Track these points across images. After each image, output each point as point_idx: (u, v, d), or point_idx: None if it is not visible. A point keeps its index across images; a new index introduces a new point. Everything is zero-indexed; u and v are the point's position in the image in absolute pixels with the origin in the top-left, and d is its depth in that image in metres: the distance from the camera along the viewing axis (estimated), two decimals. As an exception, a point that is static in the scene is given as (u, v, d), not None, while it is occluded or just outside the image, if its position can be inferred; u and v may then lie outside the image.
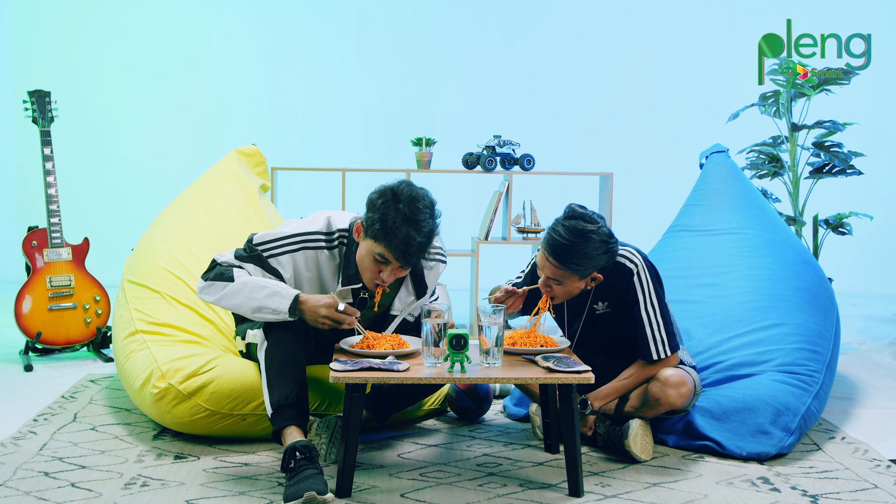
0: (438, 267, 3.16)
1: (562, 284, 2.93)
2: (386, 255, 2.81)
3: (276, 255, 2.93)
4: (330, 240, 2.96)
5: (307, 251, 2.94)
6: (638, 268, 3.00)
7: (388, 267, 2.84)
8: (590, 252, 2.87)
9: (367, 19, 7.09)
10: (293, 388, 2.77)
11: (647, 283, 3.00)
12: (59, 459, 2.94)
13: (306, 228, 2.96)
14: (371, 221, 2.82)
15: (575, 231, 2.87)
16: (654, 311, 3.00)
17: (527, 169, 5.19)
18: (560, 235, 2.87)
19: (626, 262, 3.01)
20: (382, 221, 2.78)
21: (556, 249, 2.88)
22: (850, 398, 3.88)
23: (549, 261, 2.90)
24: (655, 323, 3.00)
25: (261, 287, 2.82)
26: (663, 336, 3.01)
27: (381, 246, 2.80)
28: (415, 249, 2.79)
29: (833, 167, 4.96)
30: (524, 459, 3.03)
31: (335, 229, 2.98)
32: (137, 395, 3.25)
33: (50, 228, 4.42)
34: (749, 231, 3.89)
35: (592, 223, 2.89)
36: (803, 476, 2.90)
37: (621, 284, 3.01)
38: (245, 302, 2.83)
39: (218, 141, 6.50)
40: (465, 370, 2.63)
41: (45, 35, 6.86)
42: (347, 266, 2.94)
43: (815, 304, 3.61)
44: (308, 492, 2.51)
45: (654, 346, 3.00)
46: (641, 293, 3.00)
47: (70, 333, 4.44)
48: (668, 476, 2.89)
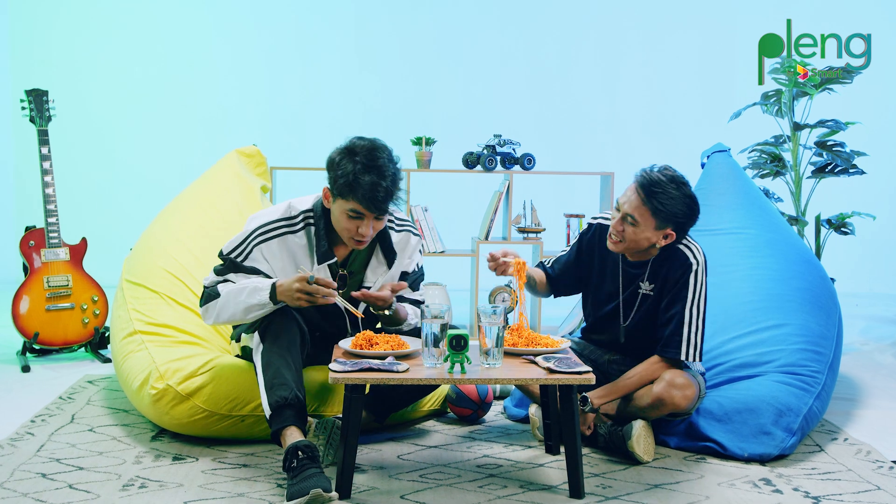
0: (410, 238, 3.18)
1: (636, 226, 2.97)
2: (357, 209, 2.87)
3: (247, 254, 2.97)
4: (293, 223, 3.01)
5: (271, 241, 2.98)
6: (698, 265, 3.02)
7: (363, 220, 2.89)
8: (676, 199, 2.93)
9: (366, 18, 7.09)
10: (291, 388, 2.77)
11: (701, 283, 3.02)
12: (57, 461, 2.93)
13: (266, 219, 3.01)
14: (335, 180, 2.90)
15: (670, 175, 2.97)
16: (697, 314, 3.02)
17: (527, 168, 5.19)
18: (658, 175, 2.96)
19: (690, 254, 3.03)
20: (345, 177, 2.86)
21: (648, 182, 2.95)
22: (852, 399, 3.87)
23: (636, 193, 2.97)
24: (695, 326, 3.02)
25: (240, 290, 2.90)
26: (697, 341, 3.02)
27: (350, 201, 2.87)
28: (382, 195, 2.86)
29: (835, 166, 4.96)
30: (525, 461, 3.03)
31: (298, 212, 3.03)
32: (136, 396, 3.25)
33: (47, 228, 4.41)
34: (751, 231, 3.89)
35: (687, 185, 3.00)
36: (805, 477, 2.90)
37: (676, 273, 3.02)
38: (235, 309, 2.91)
39: (217, 141, 6.50)
40: (465, 371, 2.62)
41: (43, 34, 6.86)
42: (319, 244, 2.99)
43: (817, 305, 3.61)
44: (314, 489, 2.51)
45: (685, 346, 3.01)
46: (693, 291, 3.01)
47: (68, 334, 4.44)
48: (670, 477, 2.89)
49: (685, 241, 3.06)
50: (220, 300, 2.94)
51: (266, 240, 2.97)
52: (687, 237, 3.07)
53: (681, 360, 3.02)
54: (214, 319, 2.98)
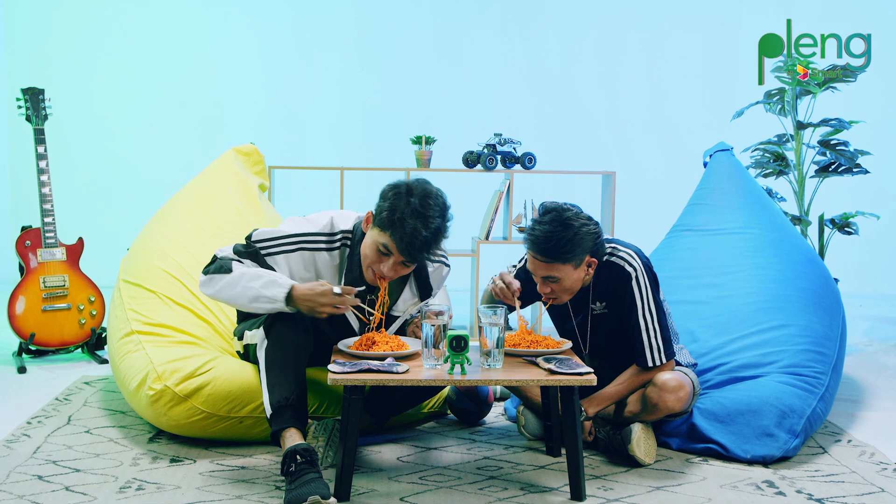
0: (441, 270, 3.15)
1: (559, 281, 2.93)
2: (389, 246, 2.81)
3: (272, 254, 2.93)
4: (331, 241, 2.96)
5: (304, 252, 2.94)
6: (637, 272, 3.00)
7: (389, 259, 2.84)
8: (574, 237, 2.87)
9: (366, 16, 7.09)
10: (293, 389, 2.76)
11: (645, 288, 3.00)
12: (53, 463, 2.93)
13: (307, 229, 2.96)
14: (380, 210, 2.83)
15: (554, 222, 2.88)
16: (651, 318, 3.00)
17: (528, 168, 5.19)
18: (540, 231, 2.88)
19: (625, 265, 3.01)
20: (391, 210, 2.80)
21: (540, 245, 2.88)
22: (856, 400, 3.87)
23: (538, 260, 2.90)
24: (652, 329, 3.01)
25: (257, 276, 2.83)
26: (659, 343, 3.01)
27: (386, 236, 2.81)
28: (419, 244, 2.79)
29: (839, 166, 4.96)
30: (525, 463, 3.03)
31: (338, 230, 2.97)
32: (133, 397, 3.24)
33: (44, 228, 4.41)
34: (754, 231, 3.89)
35: (568, 210, 2.91)
36: (809, 479, 2.90)
37: (619, 287, 3.01)
38: (242, 292, 2.84)
39: (215, 139, 6.49)
40: (465, 372, 2.62)
41: (40, 32, 6.85)
42: (351, 269, 2.95)
43: (820, 305, 3.61)
44: (311, 496, 2.50)
45: (649, 352, 3.01)
46: (640, 298, 3.00)
47: (64, 334, 4.43)
48: (672, 479, 2.89)
49: (616, 251, 3.02)
50: (229, 276, 2.86)
51: (299, 249, 2.92)
52: (616, 246, 3.03)
53: (649, 367, 3.01)
54: (213, 291, 2.90)
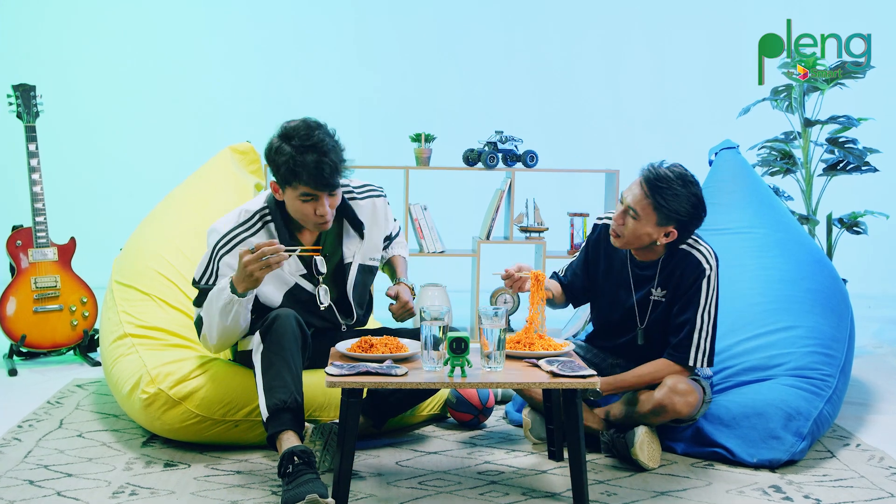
0: (376, 203, 3.23)
1: (638, 220, 2.97)
2: (308, 191, 2.90)
3: (215, 272, 3.01)
4: (250, 226, 3.05)
5: (233, 250, 3.00)
6: (711, 270, 3.02)
7: (318, 201, 2.93)
8: (681, 197, 2.93)
9: (364, 12, 7.09)
10: (290, 392, 2.77)
11: (713, 289, 3.02)
12: (45, 467, 2.93)
13: (223, 230, 3.05)
14: (277, 169, 2.93)
15: (678, 173, 2.97)
16: (708, 319, 3.02)
17: (530, 166, 5.19)
18: (664, 170, 2.97)
19: (703, 259, 3.03)
20: (286, 164, 2.89)
21: (653, 177, 2.96)
22: (864, 403, 3.88)
23: (640, 187, 2.97)
24: (706, 332, 3.02)
25: (210, 301, 2.96)
26: (707, 346, 3.02)
27: (298, 186, 2.90)
28: (329, 170, 2.89)
29: (847, 164, 4.96)
30: (527, 467, 3.03)
31: (252, 213, 3.06)
32: (126, 401, 3.25)
33: (35, 227, 4.42)
34: (760, 230, 3.90)
35: (693, 180, 2.99)
36: (816, 484, 2.90)
37: (688, 278, 3.02)
38: (215, 321, 2.95)
39: (210, 137, 6.48)
40: (465, 375, 2.62)
41: (31, 27, 6.85)
42: (280, 237, 3.02)
43: (828, 306, 3.61)
44: (310, 494, 2.52)
45: (695, 352, 3.01)
46: (706, 296, 3.01)
47: (56, 336, 4.44)
48: (677, 484, 2.89)
49: (696, 243, 3.06)
50: (204, 322, 2.99)
51: (228, 251, 3.01)
52: (697, 239, 3.07)
53: (689, 365, 3.02)
54: (212, 341, 3.02)
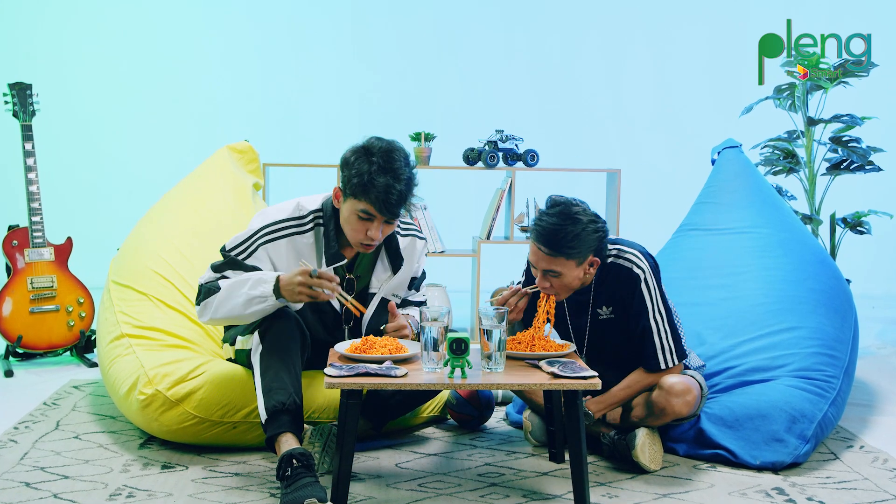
0: (416, 243, 3.21)
1: (560, 276, 2.92)
2: (369, 210, 2.88)
3: (251, 253, 2.97)
4: (302, 223, 3.01)
5: (278, 241, 2.98)
6: (645, 274, 2.99)
7: (373, 223, 2.90)
8: (580, 233, 2.87)
9: (363, 9, 7.09)
10: (289, 393, 2.77)
11: (654, 289, 3.00)
12: (41, 469, 2.93)
13: (274, 218, 3.01)
14: (348, 180, 2.90)
15: (561, 215, 2.89)
16: (661, 319, 3.00)
17: (530, 165, 5.19)
18: (547, 223, 2.89)
19: (633, 266, 3.00)
20: (359, 176, 2.87)
21: (546, 237, 2.88)
22: (868, 405, 3.87)
23: (541, 251, 2.91)
24: (664, 331, 3.00)
25: (243, 282, 2.88)
26: (671, 344, 3.01)
27: (362, 202, 2.88)
28: (396, 198, 2.87)
29: (851, 163, 4.96)
30: (528, 469, 3.03)
31: (307, 211, 3.03)
32: (123, 402, 3.24)
33: (31, 227, 4.41)
34: (763, 230, 3.89)
35: (576, 206, 2.93)
36: (820, 486, 2.90)
37: (626, 290, 3.00)
38: (235, 301, 2.88)
39: (208, 136, 6.49)
40: (465, 376, 2.62)
41: (28, 25, 6.86)
42: (328, 245, 2.99)
43: (832, 307, 3.61)
44: (308, 499, 2.52)
45: (661, 354, 3.00)
46: (650, 300, 3.00)
47: (52, 337, 4.44)
48: (679, 486, 2.89)
49: (621, 252, 3.02)
50: (219, 294, 2.91)
51: (273, 240, 2.97)
52: (620, 248, 3.03)
53: (662, 369, 3.01)
54: (212, 315, 2.94)
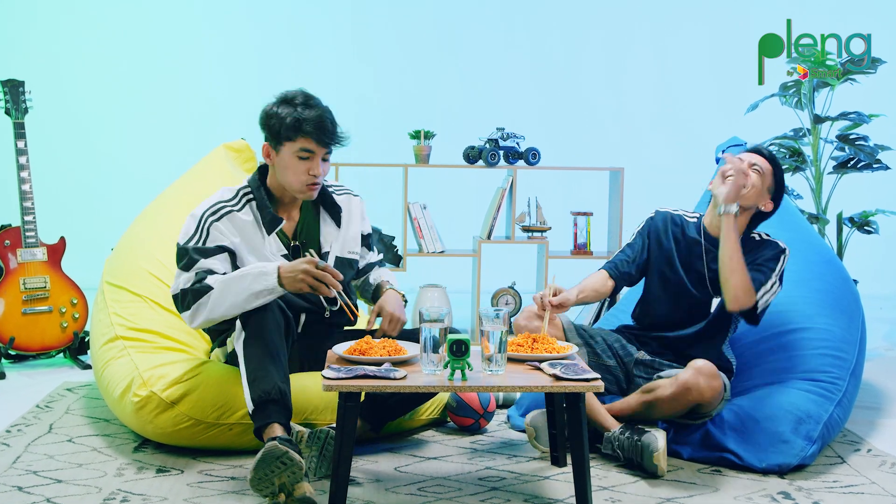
0: (352, 200, 3.27)
1: (761, 176, 3.23)
2: (307, 145, 2.98)
3: (206, 237, 3.00)
4: (235, 201, 3.08)
5: (222, 220, 3.03)
6: (787, 253, 3.24)
7: (314, 159, 2.99)
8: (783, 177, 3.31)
9: (362, 5, 7.09)
10: (273, 382, 2.77)
11: (783, 269, 3.22)
12: (34, 473, 2.93)
13: (209, 203, 3.08)
14: (277, 128, 3.00)
15: None
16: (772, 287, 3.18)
17: (532, 163, 5.19)
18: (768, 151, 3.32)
19: (780, 242, 3.27)
20: (288, 118, 2.98)
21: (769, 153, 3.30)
22: (876, 408, 3.87)
23: (761, 157, 3.26)
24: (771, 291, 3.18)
25: (241, 276, 2.89)
26: (768, 300, 3.18)
27: (298, 140, 2.98)
28: (330, 124, 2.98)
29: (858, 161, 4.96)
30: (529, 473, 3.03)
31: (234, 191, 3.11)
32: (117, 405, 3.24)
33: (24, 227, 4.41)
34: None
35: None
36: (827, 491, 2.90)
37: (768, 251, 3.23)
38: (235, 300, 2.87)
39: (205, 135, 6.46)
40: (465, 378, 2.62)
41: (21, 21, 6.85)
42: (264, 213, 3.05)
43: (838, 308, 3.61)
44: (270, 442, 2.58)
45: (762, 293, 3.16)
46: (778, 269, 3.21)
47: (45, 339, 4.44)
48: (683, 490, 2.89)
49: (770, 236, 3.30)
50: (213, 293, 2.88)
51: (218, 219, 3.03)
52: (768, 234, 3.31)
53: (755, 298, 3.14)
54: (207, 315, 2.91)
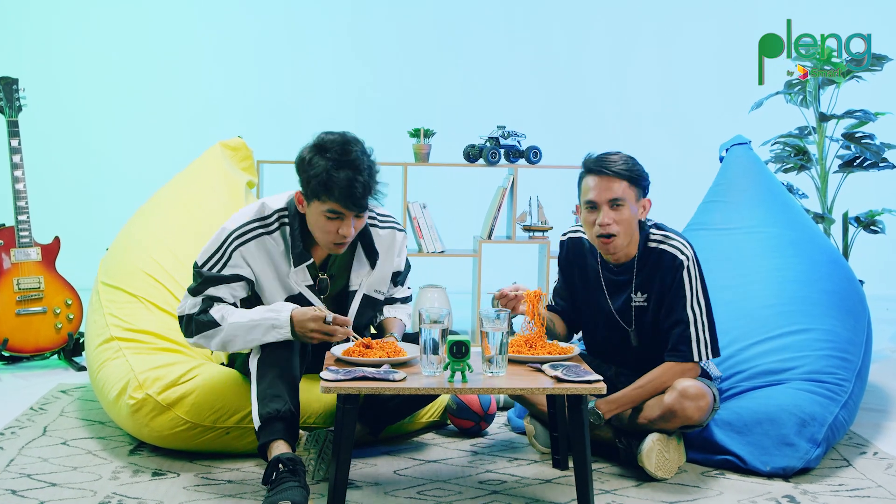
0: (395, 236, 3.19)
1: (623, 208, 2.97)
2: (335, 208, 2.87)
3: (226, 262, 2.96)
4: (266, 224, 3.01)
5: (249, 243, 2.97)
6: (689, 260, 3.01)
7: (343, 220, 2.90)
8: (629, 160, 2.99)
9: (361, 2, 7.09)
10: (285, 401, 2.78)
11: (695, 278, 3.01)
12: (28, 476, 2.93)
13: (240, 222, 3.01)
14: (307, 182, 2.90)
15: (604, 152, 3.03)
16: (700, 310, 3.00)
17: (533, 162, 5.19)
18: (612, 153, 3.01)
19: (677, 251, 3.01)
20: (317, 176, 2.86)
21: (609, 161, 2.98)
22: (882, 410, 3.87)
23: (605, 173, 2.97)
24: (701, 323, 3.00)
25: (251, 327, 2.88)
26: (707, 337, 3.00)
27: (326, 202, 2.87)
28: (360, 190, 2.86)
29: (864, 160, 4.96)
30: (530, 476, 3.03)
31: (272, 211, 3.03)
32: (112, 407, 3.24)
33: (17, 226, 4.41)
34: (773, 229, 3.89)
35: None
36: (832, 494, 2.90)
37: (667, 276, 3.01)
38: (245, 345, 2.92)
39: (201, 133, 6.47)
40: (466, 380, 2.62)
41: (14, 17, 6.85)
42: (294, 245, 2.99)
43: (844, 308, 3.61)
44: (283, 502, 2.54)
45: (696, 346, 2.99)
46: (690, 289, 3.00)
47: (39, 340, 4.43)
48: (686, 494, 2.89)
49: (666, 239, 3.05)
50: (223, 332, 2.90)
51: (243, 242, 2.97)
52: (666, 233, 3.06)
53: (695, 360, 3.00)
54: (210, 348, 2.98)
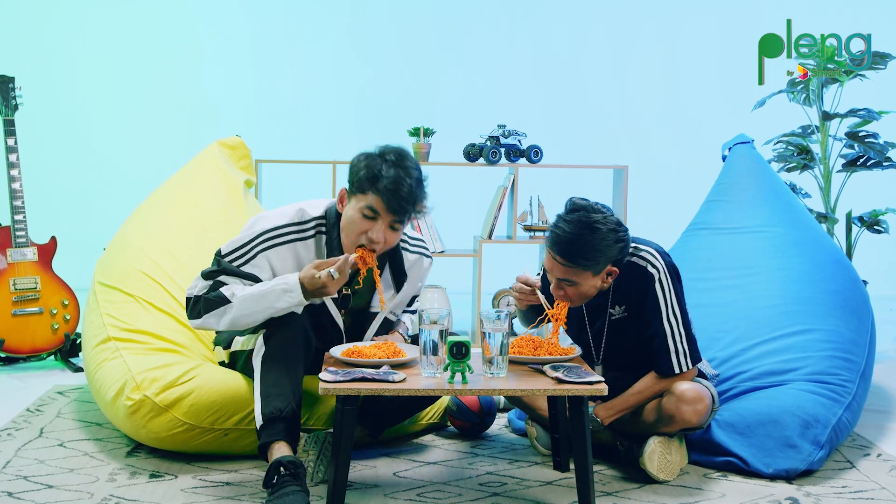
0: (422, 262, 3.17)
1: (575, 286, 2.91)
2: (375, 205, 2.83)
3: (249, 260, 2.93)
4: (303, 230, 2.98)
5: (279, 247, 2.95)
6: (660, 272, 2.97)
7: (377, 222, 2.85)
8: (599, 244, 2.84)
9: (361, 2, 7.08)
10: (288, 400, 2.77)
11: (669, 289, 2.98)
12: (24, 478, 2.93)
13: (275, 223, 2.97)
14: (356, 174, 2.87)
15: (580, 223, 2.85)
16: (676, 321, 2.98)
17: (534, 161, 5.19)
18: (564, 231, 2.85)
19: (647, 265, 2.98)
20: (368, 169, 2.84)
21: (562, 247, 2.86)
22: (886, 411, 3.87)
23: (556, 260, 2.89)
24: (678, 334, 2.98)
25: (262, 294, 2.84)
26: (685, 347, 2.99)
27: (368, 196, 2.84)
28: (406, 191, 2.81)
29: (868, 159, 4.96)
30: (531, 478, 3.03)
31: (309, 217, 3.00)
32: (110, 408, 3.24)
33: (14, 226, 4.41)
34: (776, 229, 3.89)
35: (597, 213, 2.88)
36: (836, 496, 2.90)
37: (640, 289, 2.99)
38: (255, 318, 2.87)
39: (199, 132, 6.48)
40: (466, 381, 2.62)
41: (10, 15, 6.85)
42: (330, 255, 2.95)
43: (848, 309, 3.61)
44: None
45: (675, 358, 2.97)
46: (664, 301, 2.97)
47: (36, 341, 4.43)
48: (688, 496, 2.88)
49: (637, 251, 3.00)
50: (233, 308, 2.86)
51: (273, 245, 2.94)
52: (636, 245, 3.01)
53: (675, 373, 2.98)
54: (218, 327, 2.93)
